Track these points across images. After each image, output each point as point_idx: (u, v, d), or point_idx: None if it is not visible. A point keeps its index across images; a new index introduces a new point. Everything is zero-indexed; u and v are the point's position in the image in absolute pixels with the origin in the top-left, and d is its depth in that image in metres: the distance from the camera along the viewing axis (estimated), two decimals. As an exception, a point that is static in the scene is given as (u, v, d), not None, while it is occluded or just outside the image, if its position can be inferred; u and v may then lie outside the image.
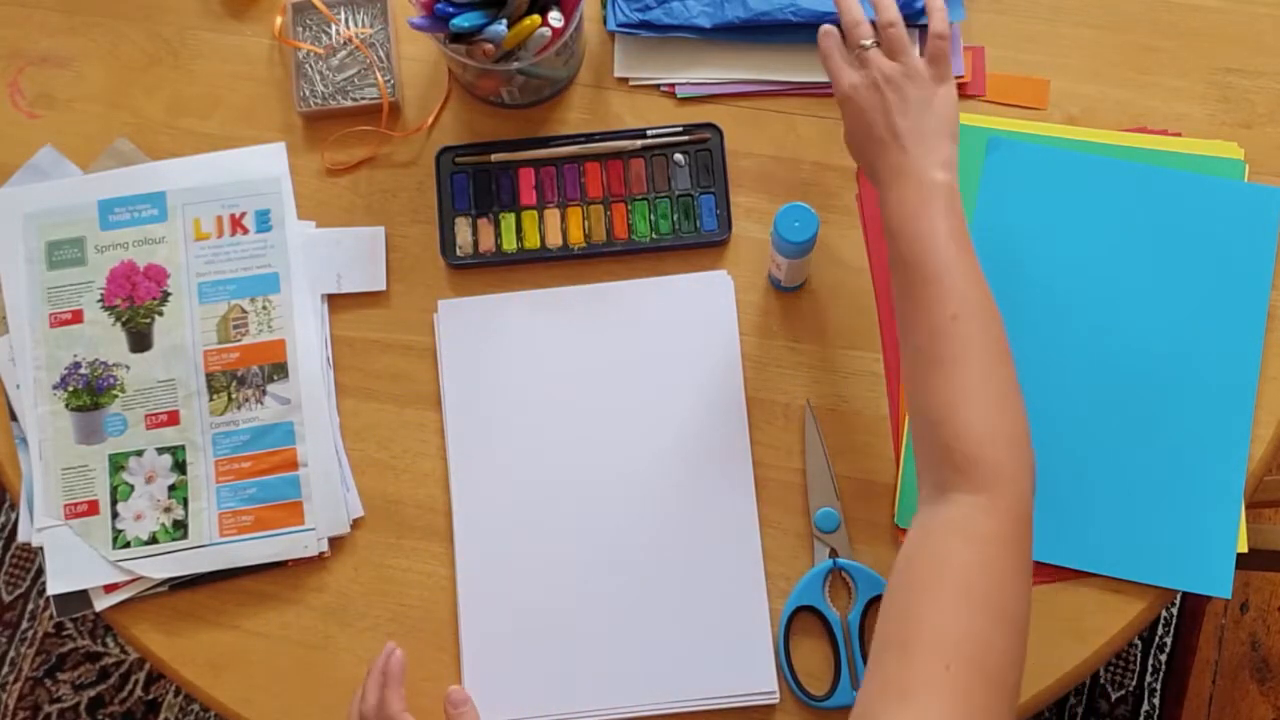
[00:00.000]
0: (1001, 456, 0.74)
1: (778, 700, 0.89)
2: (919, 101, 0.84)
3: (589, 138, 1.01)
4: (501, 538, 0.93)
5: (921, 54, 0.86)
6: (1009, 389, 0.77)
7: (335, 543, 0.95)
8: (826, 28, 0.89)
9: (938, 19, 0.86)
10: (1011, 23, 1.03)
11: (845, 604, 0.91)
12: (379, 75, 1.03)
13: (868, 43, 0.86)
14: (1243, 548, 0.90)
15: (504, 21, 0.92)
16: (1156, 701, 1.56)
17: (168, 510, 0.94)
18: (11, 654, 1.66)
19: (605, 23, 1.03)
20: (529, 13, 0.94)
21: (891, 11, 0.87)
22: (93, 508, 0.95)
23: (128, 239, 0.99)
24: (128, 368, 0.97)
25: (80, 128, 1.04)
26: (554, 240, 0.99)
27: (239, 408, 0.96)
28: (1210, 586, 0.90)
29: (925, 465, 0.77)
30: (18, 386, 0.98)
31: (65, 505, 0.95)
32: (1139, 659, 1.58)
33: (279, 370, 0.97)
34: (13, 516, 1.73)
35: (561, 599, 0.92)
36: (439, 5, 0.92)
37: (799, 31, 1.01)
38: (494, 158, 1.01)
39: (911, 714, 0.65)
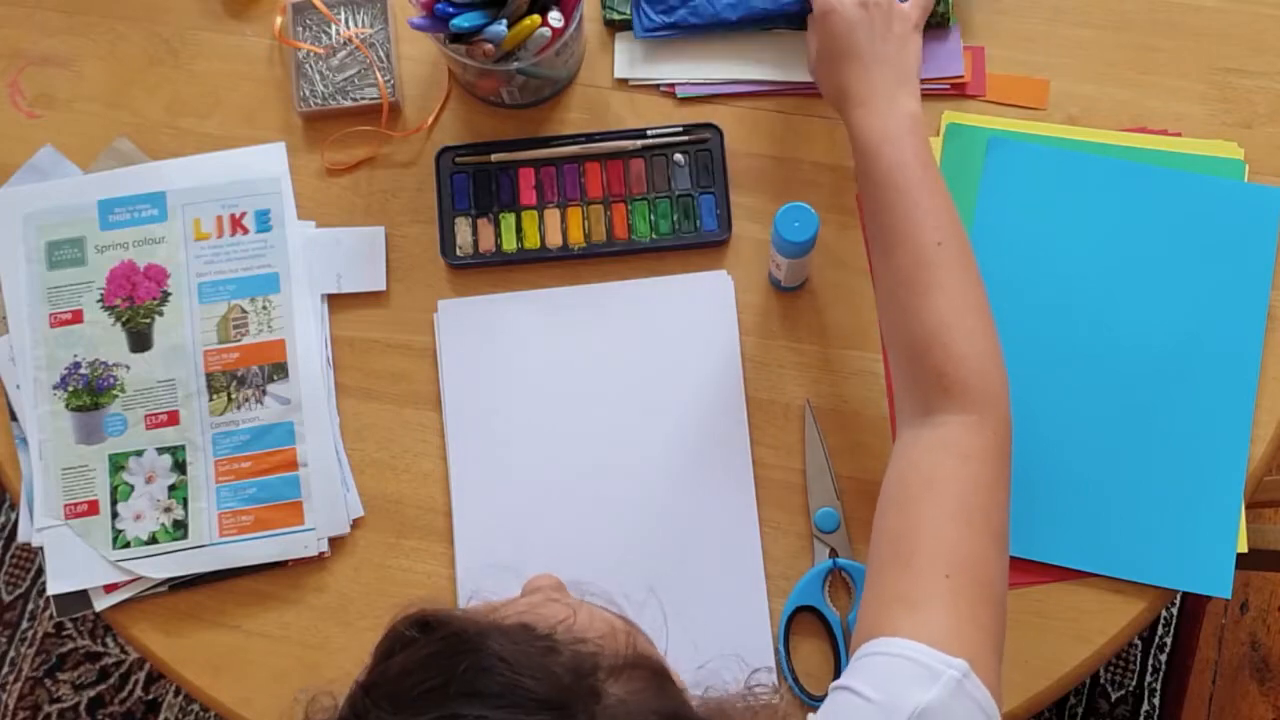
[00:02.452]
0: (990, 377, 0.77)
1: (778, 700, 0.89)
2: (899, 37, 0.88)
3: (589, 138, 1.01)
4: (501, 538, 0.93)
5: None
6: (988, 312, 0.80)
7: (335, 543, 0.95)
8: None
9: None
10: (1011, 23, 1.03)
11: (845, 604, 0.91)
12: (379, 75, 1.03)
13: None
14: (1243, 548, 0.90)
15: (504, 21, 0.92)
16: (1156, 701, 1.56)
17: (168, 510, 0.94)
18: (11, 654, 1.66)
19: (633, 31, 1.02)
20: (529, 13, 0.94)
21: None
22: (93, 508, 0.95)
23: (128, 239, 0.99)
24: (128, 368, 0.97)
25: (80, 128, 1.04)
26: (554, 240, 0.99)
27: (239, 408, 0.96)
28: (1210, 586, 0.90)
29: (909, 388, 0.80)
30: (18, 386, 0.98)
31: (65, 505, 0.95)
32: (1139, 659, 1.58)
33: (279, 370, 0.97)
34: (13, 516, 1.73)
35: (561, 599, 0.92)
36: (439, 5, 0.92)
37: None
38: (494, 158, 1.01)
39: (918, 620, 0.68)
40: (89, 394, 0.97)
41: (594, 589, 0.66)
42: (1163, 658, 1.58)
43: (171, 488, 0.95)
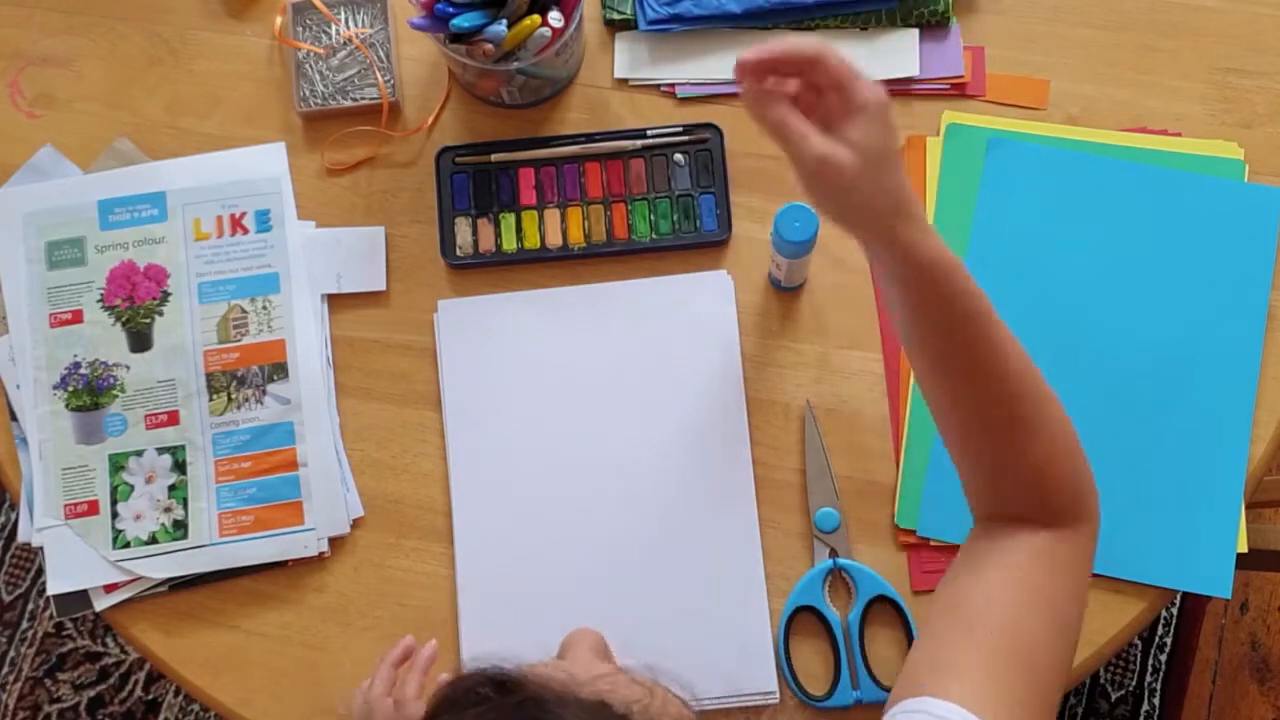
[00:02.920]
0: (1087, 497, 0.76)
1: (777, 700, 0.89)
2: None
3: (589, 138, 1.01)
4: (501, 538, 0.93)
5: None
6: (1072, 427, 0.76)
7: (335, 543, 0.95)
8: (767, 94, 0.69)
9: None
10: (1011, 23, 1.03)
11: (845, 604, 0.91)
12: (379, 75, 1.03)
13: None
14: (1243, 548, 0.90)
15: (504, 21, 0.92)
16: (1156, 701, 1.56)
17: (168, 510, 0.94)
18: (11, 654, 1.66)
19: (636, 24, 1.02)
20: (529, 13, 0.94)
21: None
22: (93, 508, 0.95)
23: (128, 239, 0.99)
24: (128, 368, 0.97)
25: (80, 128, 1.04)
26: (554, 240, 0.99)
27: (239, 408, 0.96)
28: (1210, 586, 0.90)
29: (1001, 501, 0.77)
30: (18, 386, 0.98)
31: (65, 505, 0.95)
32: (1139, 659, 1.58)
33: (279, 370, 0.97)
34: (13, 516, 1.73)
35: (561, 599, 0.92)
36: (439, 5, 0.92)
37: (826, 8, 1.01)
38: (494, 158, 1.01)
39: (966, 690, 0.67)
40: (89, 394, 0.97)
41: (669, 674, 0.65)
42: (1163, 658, 1.58)
43: (171, 488, 0.95)
